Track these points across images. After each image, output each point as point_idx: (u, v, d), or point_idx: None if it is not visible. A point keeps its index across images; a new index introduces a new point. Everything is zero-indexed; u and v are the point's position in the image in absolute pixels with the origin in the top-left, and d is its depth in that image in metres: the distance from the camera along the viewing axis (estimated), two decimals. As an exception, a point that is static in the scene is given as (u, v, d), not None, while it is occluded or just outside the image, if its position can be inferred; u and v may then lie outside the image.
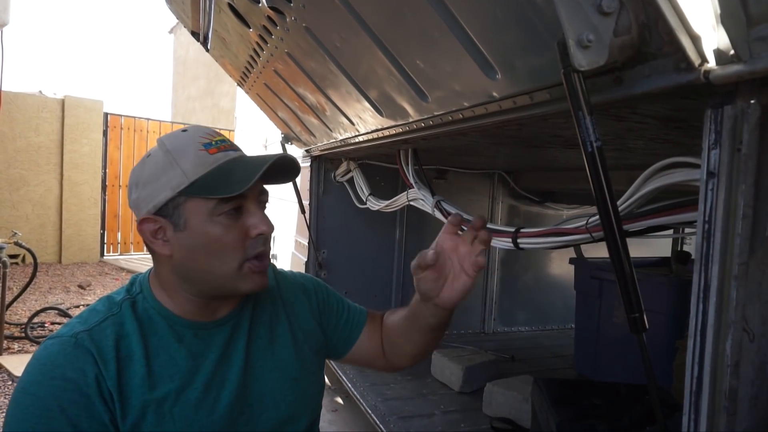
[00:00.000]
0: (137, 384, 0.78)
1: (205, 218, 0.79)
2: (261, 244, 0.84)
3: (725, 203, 0.61)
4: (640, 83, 0.69)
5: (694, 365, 0.63)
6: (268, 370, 0.90)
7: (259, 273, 0.84)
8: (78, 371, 0.75)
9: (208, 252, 0.81)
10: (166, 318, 0.84)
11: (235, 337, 0.89)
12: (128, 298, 0.85)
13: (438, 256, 0.85)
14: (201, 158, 0.80)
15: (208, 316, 0.87)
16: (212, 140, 0.83)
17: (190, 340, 0.85)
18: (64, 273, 6.38)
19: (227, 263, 0.81)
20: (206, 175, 0.79)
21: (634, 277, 0.71)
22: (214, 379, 0.84)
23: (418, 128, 1.38)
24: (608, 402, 1.41)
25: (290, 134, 2.70)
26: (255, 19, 1.61)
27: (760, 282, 0.62)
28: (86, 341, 0.77)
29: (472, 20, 0.88)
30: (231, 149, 0.84)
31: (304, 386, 0.95)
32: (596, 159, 0.69)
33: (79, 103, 7.07)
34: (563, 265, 3.11)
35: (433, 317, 0.92)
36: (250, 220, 0.82)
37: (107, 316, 0.82)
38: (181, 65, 14.78)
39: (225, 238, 0.80)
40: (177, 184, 0.79)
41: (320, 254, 2.78)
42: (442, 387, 2.33)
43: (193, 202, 0.79)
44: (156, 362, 0.81)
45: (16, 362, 3.50)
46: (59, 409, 0.73)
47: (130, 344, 0.80)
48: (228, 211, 0.80)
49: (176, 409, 0.80)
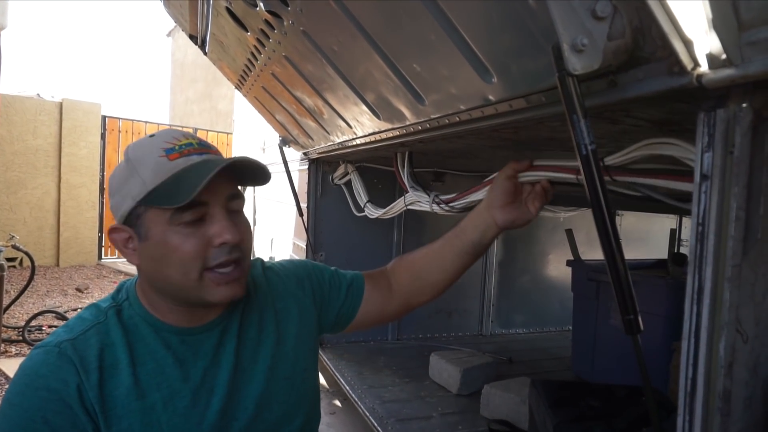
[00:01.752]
0: (122, 393, 0.77)
1: (164, 228, 0.77)
2: (225, 254, 0.79)
3: (718, 205, 0.61)
4: (634, 87, 0.70)
5: (689, 366, 0.64)
6: (259, 371, 0.88)
7: (225, 284, 0.80)
8: (61, 381, 0.74)
9: (167, 262, 0.78)
10: (152, 325, 0.83)
11: (224, 342, 0.87)
12: (114, 306, 0.84)
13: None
14: (160, 165, 0.77)
15: (196, 321, 0.85)
16: (176, 145, 0.79)
17: (177, 346, 0.83)
18: (61, 276, 6.37)
19: (186, 274, 0.78)
20: (163, 183, 0.76)
21: (629, 278, 0.72)
22: (203, 386, 0.82)
23: (415, 131, 1.39)
24: (605, 404, 1.41)
25: (288, 137, 2.71)
26: (253, 22, 1.62)
27: (753, 284, 0.62)
28: (69, 351, 0.76)
29: (468, 24, 0.89)
30: (196, 153, 0.79)
31: (296, 384, 0.93)
32: (591, 161, 0.70)
33: (76, 106, 7.07)
34: (560, 268, 3.12)
35: (480, 234, 1.01)
36: (213, 228, 0.78)
37: (93, 325, 0.80)
38: (179, 68, 14.79)
39: (183, 248, 0.76)
40: (136, 194, 0.77)
41: (318, 257, 2.78)
42: (439, 389, 2.33)
43: (153, 211, 0.77)
44: (143, 370, 0.79)
45: (13, 366, 3.49)
46: (42, 420, 0.72)
47: (116, 353, 0.79)
48: (187, 221, 0.76)
49: (164, 418, 0.78)
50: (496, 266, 3.24)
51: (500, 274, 3.25)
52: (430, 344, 2.92)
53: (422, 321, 3.07)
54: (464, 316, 3.19)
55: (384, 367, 2.56)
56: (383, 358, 2.71)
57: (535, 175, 1.02)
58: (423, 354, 2.61)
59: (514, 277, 3.30)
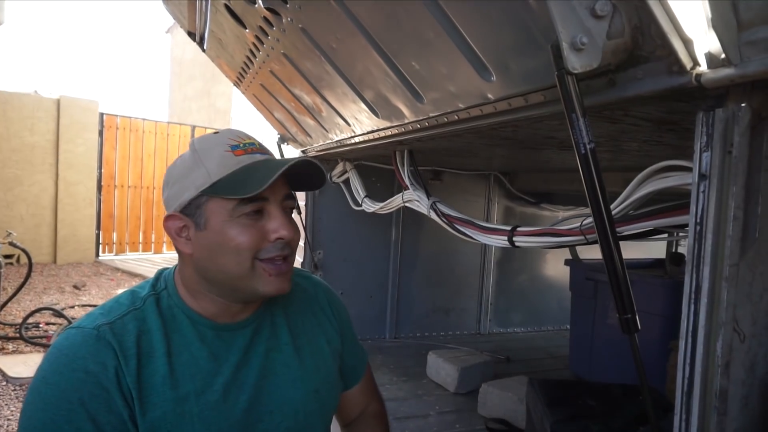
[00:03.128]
0: (158, 381, 0.78)
1: (224, 218, 0.80)
2: (278, 249, 0.82)
3: (716, 205, 0.61)
4: (633, 86, 0.70)
5: (686, 366, 0.64)
6: (290, 379, 0.89)
7: (276, 276, 0.83)
8: (99, 365, 0.74)
9: (224, 251, 0.80)
10: (189, 317, 0.84)
11: (255, 341, 0.88)
12: (153, 294, 0.85)
13: None
14: (225, 159, 0.81)
15: (230, 318, 0.87)
16: (240, 142, 0.84)
17: (212, 340, 0.84)
18: (59, 273, 6.36)
19: (240, 263, 0.80)
20: (228, 175, 0.80)
21: (627, 278, 0.72)
22: (234, 382, 0.84)
23: (413, 129, 1.39)
24: (602, 402, 1.41)
25: (286, 135, 2.71)
26: (251, 19, 1.61)
27: (750, 283, 0.62)
28: (108, 334, 0.77)
29: (467, 22, 0.89)
30: (258, 152, 0.84)
31: (324, 399, 0.94)
32: (589, 160, 0.70)
33: (74, 103, 7.06)
34: (558, 267, 3.12)
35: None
36: (271, 223, 0.82)
37: (130, 310, 0.81)
38: (178, 65, 14.76)
39: (241, 239, 0.79)
40: (200, 184, 0.80)
41: (316, 255, 2.78)
42: (437, 388, 2.33)
43: (215, 202, 0.80)
44: (178, 360, 0.80)
45: (10, 363, 3.49)
46: (79, 401, 0.72)
47: (152, 340, 0.80)
48: (248, 212, 0.80)
49: (196, 410, 0.79)
50: (494, 265, 3.24)
51: (498, 272, 3.25)
52: (428, 343, 2.92)
53: (420, 319, 3.08)
54: (462, 315, 3.19)
55: (381, 366, 2.56)
56: (381, 356, 2.71)
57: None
58: (420, 352, 2.62)
59: (512, 276, 3.30)
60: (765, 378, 0.64)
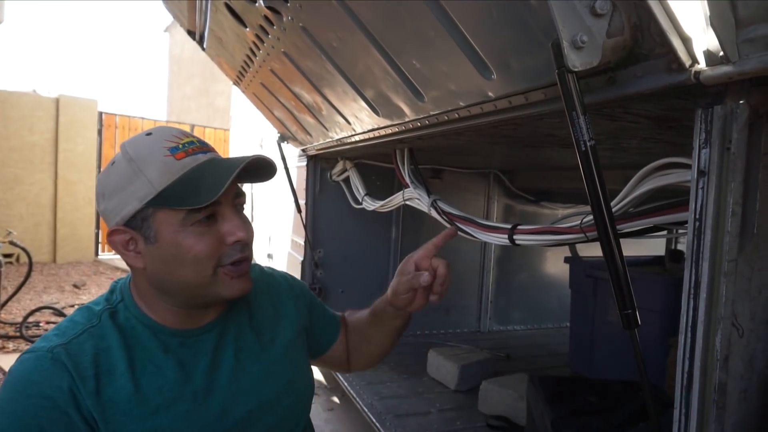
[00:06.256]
0: (123, 399, 0.74)
1: (176, 229, 0.75)
2: (238, 251, 0.79)
3: (715, 201, 0.62)
4: (633, 83, 0.71)
5: (685, 360, 0.65)
6: (263, 375, 0.87)
7: (238, 278, 0.80)
8: (55, 388, 0.71)
9: (181, 263, 0.76)
10: (150, 327, 0.80)
11: (222, 343, 0.85)
12: (108, 308, 0.80)
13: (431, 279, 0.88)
14: (167, 165, 0.74)
15: (193, 323, 0.83)
16: (179, 143, 0.77)
17: (177, 349, 0.81)
18: (58, 272, 6.36)
19: (201, 272, 0.76)
20: (174, 183, 0.74)
21: (627, 273, 0.72)
22: (205, 388, 0.81)
23: (414, 128, 1.39)
24: (602, 399, 1.42)
25: (286, 133, 2.71)
26: (252, 18, 1.62)
27: (749, 278, 0.63)
28: (63, 356, 0.72)
29: (467, 21, 0.89)
30: (200, 151, 0.78)
31: (298, 389, 0.93)
32: (590, 158, 0.70)
33: (73, 101, 7.05)
34: (558, 264, 3.13)
35: (399, 318, 1.00)
36: (225, 226, 0.77)
37: (86, 328, 0.77)
38: (177, 64, 14.74)
39: (199, 247, 0.75)
40: (143, 195, 0.74)
41: (316, 253, 2.78)
42: (438, 385, 2.34)
43: (162, 213, 0.74)
44: (142, 375, 0.77)
45: (10, 361, 3.49)
46: (39, 428, 0.69)
47: (112, 357, 0.76)
48: (200, 219, 0.75)
49: (167, 422, 0.76)
50: (494, 263, 3.25)
51: (498, 270, 3.26)
52: (428, 340, 2.93)
53: (420, 317, 3.08)
54: (462, 313, 3.19)
55: (382, 363, 2.56)
56: (381, 354, 2.71)
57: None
58: (421, 350, 2.62)
59: (512, 273, 3.31)
60: (763, 372, 0.65)
